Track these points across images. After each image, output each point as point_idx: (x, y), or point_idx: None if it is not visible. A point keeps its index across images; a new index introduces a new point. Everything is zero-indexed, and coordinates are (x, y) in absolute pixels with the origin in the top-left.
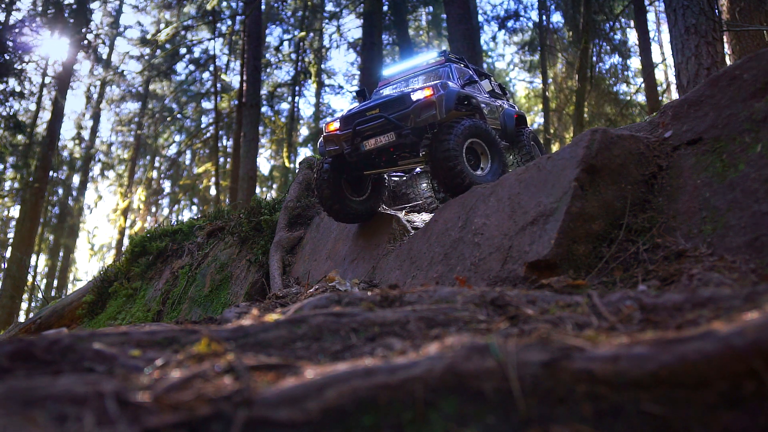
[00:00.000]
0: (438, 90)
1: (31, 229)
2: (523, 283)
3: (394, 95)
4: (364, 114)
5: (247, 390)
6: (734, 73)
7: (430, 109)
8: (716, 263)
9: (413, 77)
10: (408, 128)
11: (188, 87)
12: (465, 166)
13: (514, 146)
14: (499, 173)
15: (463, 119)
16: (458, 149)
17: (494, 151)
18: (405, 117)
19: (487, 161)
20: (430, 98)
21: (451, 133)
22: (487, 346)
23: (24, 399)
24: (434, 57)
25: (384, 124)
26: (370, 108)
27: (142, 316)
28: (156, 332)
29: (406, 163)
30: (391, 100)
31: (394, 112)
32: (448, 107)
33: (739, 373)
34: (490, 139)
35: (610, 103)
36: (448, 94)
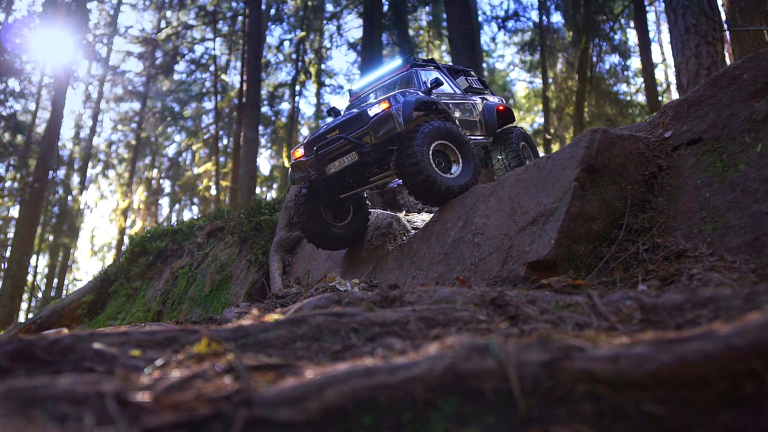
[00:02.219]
0: (395, 101)
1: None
2: (523, 283)
3: (352, 113)
4: (324, 137)
5: (247, 390)
6: (734, 73)
7: (388, 122)
8: (716, 263)
9: (381, 88)
10: (368, 146)
11: (188, 87)
12: (432, 171)
13: (500, 143)
14: (472, 173)
15: (425, 123)
16: (423, 154)
17: (465, 151)
18: (365, 135)
19: (459, 162)
20: (387, 111)
21: (413, 139)
22: (487, 346)
23: (24, 399)
24: (399, 64)
25: (345, 145)
26: (329, 130)
27: (142, 316)
28: (156, 332)
29: (378, 179)
30: (350, 119)
31: (353, 131)
32: (406, 117)
33: (739, 373)
34: (459, 139)
35: (610, 103)
36: (406, 104)
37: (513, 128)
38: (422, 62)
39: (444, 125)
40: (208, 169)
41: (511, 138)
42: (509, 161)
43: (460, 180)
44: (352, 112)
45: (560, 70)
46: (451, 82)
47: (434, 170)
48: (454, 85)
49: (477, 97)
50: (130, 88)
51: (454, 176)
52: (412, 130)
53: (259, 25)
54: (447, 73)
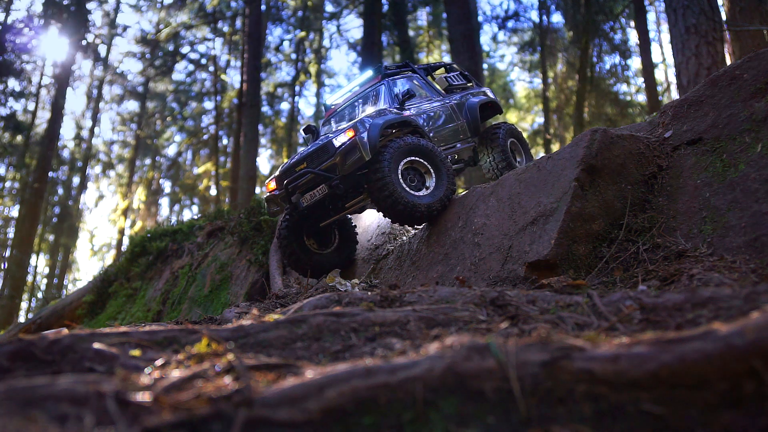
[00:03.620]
0: (361, 127)
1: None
2: (523, 283)
3: (318, 144)
4: (293, 170)
5: (247, 390)
6: (734, 73)
7: (354, 152)
8: (716, 263)
9: (355, 101)
10: (337, 178)
11: (188, 87)
12: (400, 191)
13: (487, 142)
14: (445, 189)
15: (394, 140)
16: (391, 175)
17: (438, 166)
18: (332, 167)
19: (432, 178)
20: (353, 140)
21: (381, 160)
22: (487, 346)
23: (24, 399)
24: (370, 75)
25: (314, 179)
26: (298, 162)
27: (142, 316)
28: (156, 332)
29: (353, 204)
30: (317, 150)
31: (321, 163)
32: (372, 144)
33: (739, 373)
34: (430, 154)
35: (610, 103)
36: (371, 129)
37: (500, 125)
38: (395, 69)
39: (413, 141)
40: (208, 169)
41: (498, 135)
42: (497, 161)
43: (432, 197)
44: (317, 143)
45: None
46: (428, 86)
47: (403, 190)
48: (431, 89)
49: (457, 96)
50: (130, 88)
51: (426, 194)
52: (381, 150)
53: (259, 25)
54: (423, 75)
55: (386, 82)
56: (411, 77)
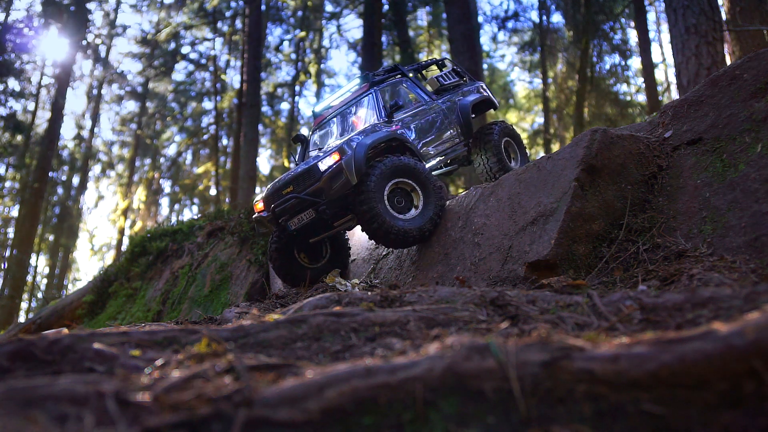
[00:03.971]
0: (348, 148)
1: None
2: (523, 283)
3: (304, 167)
4: (280, 193)
5: (247, 390)
6: (734, 73)
7: (340, 177)
8: (716, 263)
9: (343, 110)
10: (323, 203)
11: (188, 87)
12: (384, 216)
13: (480, 142)
14: (434, 210)
15: (380, 162)
16: (376, 199)
17: (426, 187)
18: (318, 191)
19: (420, 199)
20: (339, 164)
21: (367, 182)
22: (487, 346)
23: (24, 399)
24: (357, 84)
25: (300, 203)
26: (284, 185)
27: (142, 316)
28: (156, 332)
29: (342, 222)
30: (303, 174)
31: (306, 187)
32: (359, 167)
33: (739, 373)
34: (419, 174)
35: (610, 103)
36: (357, 151)
37: (494, 124)
38: (383, 75)
39: (400, 162)
40: (208, 169)
41: (492, 135)
42: (490, 163)
43: (422, 218)
44: (303, 165)
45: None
46: (418, 90)
47: (392, 218)
48: (421, 93)
49: (449, 98)
50: (130, 88)
51: (416, 215)
52: (367, 172)
53: (259, 25)
54: (414, 78)
55: (374, 92)
56: (400, 82)
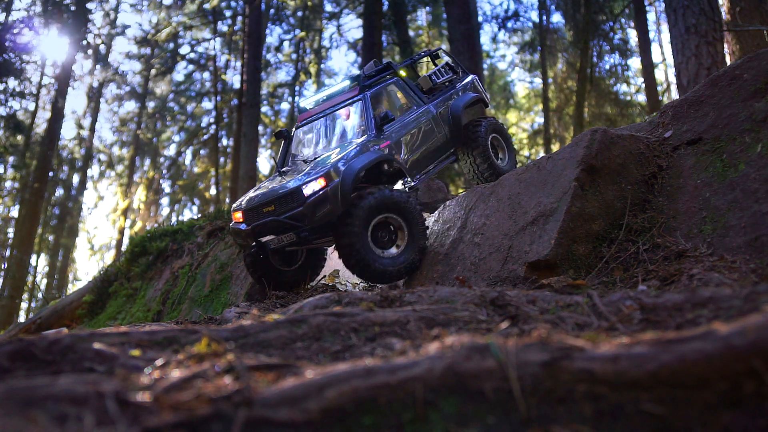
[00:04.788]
0: (333, 177)
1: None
2: (523, 283)
3: (287, 188)
4: (261, 211)
5: (247, 390)
6: (734, 73)
7: (324, 205)
8: (716, 263)
9: (332, 114)
10: (305, 229)
11: (188, 87)
12: (362, 248)
13: (467, 141)
14: (415, 251)
15: (372, 192)
16: (359, 235)
17: (412, 226)
18: (301, 216)
19: (404, 237)
20: (324, 192)
21: (351, 215)
22: (487, 346)
23: (24, 399)
24: (347, 86)
25: (281, 226)
26: (266, 203)
27: (142, 316)
28: (156, 332)
29: (321, 242)
30: (285, 195)
31: (288, 210)
32: (345, 198)
33: (739, 373)
34: (408, 213)
35: (610, 103)
36: (345, 179)
37: (481, 120)
38: (375, 76)
39: (391, 198)
40: (208, 169)
41: (479, 133)
42: (477, 162)
43: (398, 260)
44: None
45: (560, 70)
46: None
47: (369, 251)
48: (412, 96)
49: (442, 98)
50: (130, 88)
51: (393, 255)
52: (354, 203)
53: (259, 25)
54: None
55: (364, 98)
56: (392, 83)
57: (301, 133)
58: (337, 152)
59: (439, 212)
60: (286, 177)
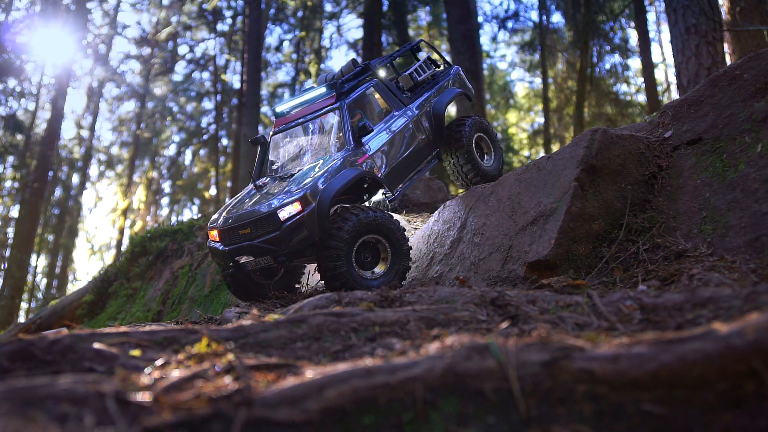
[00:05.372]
0: (309, 201)
1: (30, 229)
2: (523, 283)
3: (262, 212)
4: (237, 233)
5: (247, 390)
6: (734, 73)
7: (300, 231)
8: (716, 263)
9: (307, 119)
10: (282, 254)
11: (188, 87)
12: (347, 270)
13: (450, 142)
14: (397, 270)
15: (351, 216)
16: (344, 254)
17: (396, 248)
18: (277, 241)
19: (387, 258)
20: (301, 217)
21: (334, 238)
22: (487, 346)
23: (24, 399)
24: (323, 93)
25: (258, 249)
26: (242, 225)
27: (142, 316)
28: (156, 332)
29: (301, 261)
30: (261, 219)
31: (264, 234)
32: (321, 223)
33: (739, 373)
34: (392, 234)
35: (610, 103)
36: (322, 202)
37: (465, 119)
38: (352, 80)
39: (375, 219)
40: (208, 169)
41: (462, 133)
42: (461, 164)
43: (382, 280)
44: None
45: (560, 70)
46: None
47: (355, 274)
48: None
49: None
50: (130, 88)
51: (377, 277)
52: (339, 217)
53: (259, 25)
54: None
55: (342, 107)
56: (370, 87)
57: (278, 140)
58: (314, 169)
59: (439, 212)
60: (262, 192)
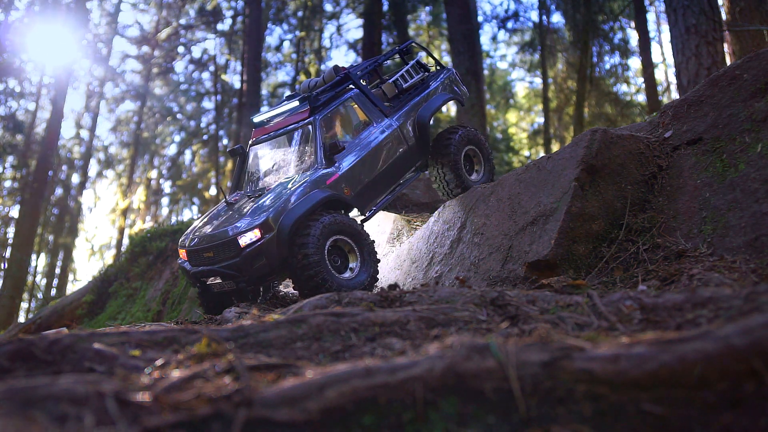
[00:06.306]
0: (269, 227)
1: (30, 229)
2: (523, 283)
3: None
4: (202, 255)
5: (247, 390)
6: (734, 73)
7: (260, 258)
8: (716, 263)
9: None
10: (243, 281)
11: (188, 87)
12: (328, 273)
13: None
14: (371, 270)
15: (320, 218)
16: (318, 254)
17: (362, 246)
18: (237, 268)
19: (357, 258)
20: (260, 244)
21: (307, 238)
22: (487, 346)
23: (24, 399)
24: (296, 106)
25: (219, 273)
26: (206, 248)
27: (142, 316)
28: (156, 332)
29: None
30: (222, 244)
31: (226, 259)
32: (281, 252)
33: (739, 373)
34: (356, 233)
35: (610, 103)
36: (281, 231)
37: (457, 130)
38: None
39: (336, 220)
40: (208, 168)
41: (451, 142)
42: (447, 178)
43: (357, 281)
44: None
45: (560, 70)
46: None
47: (329, 272)
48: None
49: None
50: (130, 88)
51: (350, 277)
52: (308, 224)
53: (259, 25)
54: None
55: (314, 123)
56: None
57: (256, 152)
58: (281, 191)
59: (439, 212)
60: (229, 213)
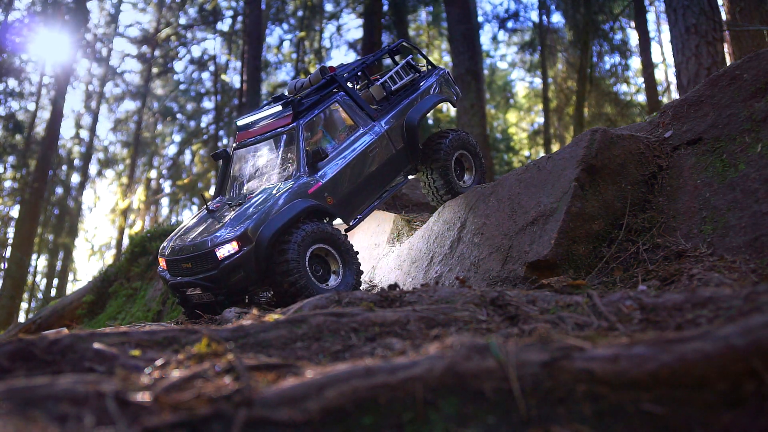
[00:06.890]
0: (247, 239)
1: (30, 228)
2: (523, 283)
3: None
4: (180, 266)
5: (247, 390)
6: (734, 73)
7: (238, 271)
8: (716, 263)
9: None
10: (222, 294)
11: (188, 87)
12: (309, 280)
13: (427, 158)
14: (354, 278)
15: (297, 231)
16: (299, 262)
17: (344, 254)
18: (215, 280)
19: (338, 266)
20: (238, 257)
21: (288, 244)
22: (487, 346)
23: (24, 399)
24: (279, 111)
25: (197, 285)
26: (184, 259)
27: (142, 316)
28: (156, 332)
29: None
30: (200, 256)
31: (204, 271)
32: (259, 264)
33: (739, 373)
34: (338, 241)
35: (610, 103)
36: (259, 244)
37: (448, 134)
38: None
39: (318, 229)
40: (208, 168)
41: (441, 147)
42: (436, 184)
43: (340, 288)
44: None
45: (560, 70)
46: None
47: (310, 279)
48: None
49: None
50: (130, 87)
51: (332, 285)
52: (287, 239)
53: (259, 24)
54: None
55: (297, 128)
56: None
57: (239, 156)
58: (261, 200)
59: (439, 212)
60: (209, 221)
